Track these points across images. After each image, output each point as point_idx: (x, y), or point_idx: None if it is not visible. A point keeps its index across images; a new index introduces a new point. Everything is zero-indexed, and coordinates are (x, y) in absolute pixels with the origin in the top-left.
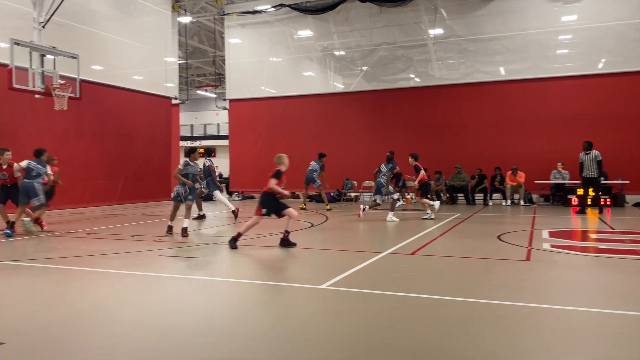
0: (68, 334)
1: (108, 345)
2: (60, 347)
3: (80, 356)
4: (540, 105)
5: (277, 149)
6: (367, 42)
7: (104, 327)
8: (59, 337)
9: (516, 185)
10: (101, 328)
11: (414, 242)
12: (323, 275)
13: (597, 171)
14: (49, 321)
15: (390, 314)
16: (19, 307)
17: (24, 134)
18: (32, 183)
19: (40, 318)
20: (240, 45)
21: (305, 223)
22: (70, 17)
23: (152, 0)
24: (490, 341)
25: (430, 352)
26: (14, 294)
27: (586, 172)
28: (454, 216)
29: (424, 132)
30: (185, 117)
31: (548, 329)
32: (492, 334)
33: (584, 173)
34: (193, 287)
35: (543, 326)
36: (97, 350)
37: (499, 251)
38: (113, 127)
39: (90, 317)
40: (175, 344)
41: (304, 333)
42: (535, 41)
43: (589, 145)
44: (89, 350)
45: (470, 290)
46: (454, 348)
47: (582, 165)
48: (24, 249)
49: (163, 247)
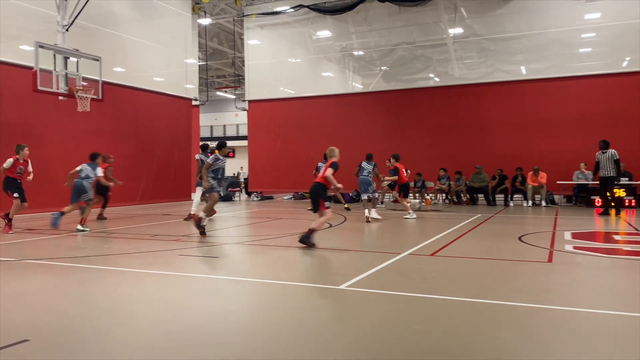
0: (91, 331)
1: (129, 342)
2: (83, 345)
3: (103, 353)
4: (562, 104)
5: (296, 150)
6: (386, 42)
7: (126, 325)
8: (82, 335)
9: (538, 186)
10: (123, 326)
11: (433, 243)
12: (342, 276)
13: (614, 170)
14: (73, 319)
15: (410, 316)
16: (44, 304)
17: (48, 134)
18: (80, 182)
19: (64, 315)
20: (259, 46)
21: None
22: (93, 20)
23: (172, 3)
24: (511, 344)
25: (449, 354)
26: (39, 292)
27: (602, 171)
28: (474, 217)
29: (443, 132)
30: (205, 118)
31: (571, 332)
32: (513, 337)
33: (600, 172)
34: (212, 286)
35: (565, 329)
36: (119, 348)
37: (520, 253)
38: (134, 128)
39: (112, 315)
40: (195, 343)
41: (322, 333)
42: (556, 40)
43: (605, 145)
44: (111, 347)
45: (491, 292)
46: (473, 350)
47: (598, 164)
48: (49, 248)
49: (183, 247)
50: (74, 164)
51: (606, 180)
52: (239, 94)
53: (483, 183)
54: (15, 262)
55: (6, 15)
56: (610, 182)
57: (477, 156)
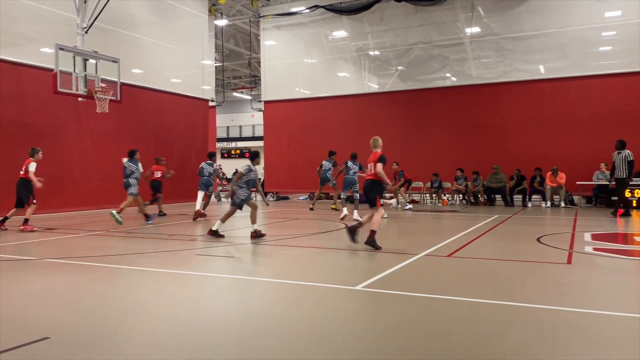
0: (110, 329)
1: (147, 341)
2: (102, 342)
3: (121, 352)
4: (582, 103)
5: (312, 150)
6: (402, 42)
7: (144, 324)
8: (101, 333)
9: (557, 187)
10: (141, 325)
11: (450, 244)
12: (358, 277)
13: (627, 171)
14: (92, 317)
15: (426, 317)
16: (64, 303)
17: (68, 135)
18: (127, 180)
19: (84, 314)
20: (275, 47)
21: (339, 224)
22: (111, 22)
23: (189, 4)
24: (529, 346)
25: (467, 356)
26: (59, 290)
27: (617, 172)
28: (491, 218)
29: (460, 132)
30: (221, 118)
31: (590, 335)
32: (531, 339)
33: (615, 173)
34: (229, 286)
35: (585, 332)
36: (137, 347)
37: (538, 254)
38: (152, 128)
39: (130, 314)
40: (212, 343)
41: (338, 335)
42: (576, 38)
43: (622, 145)
44: (129, 346)
45: (509, 294)
46: (491, 353)
47: (615, 165)
48: (68, 247)
49: (200, 247)
50: (93, 165)
51: (618, 182)
52: (255, 95)
53: (501, 183)
54: (36, 261)
55: (28, 18)
56: (620, 184)
57: (494, 156)
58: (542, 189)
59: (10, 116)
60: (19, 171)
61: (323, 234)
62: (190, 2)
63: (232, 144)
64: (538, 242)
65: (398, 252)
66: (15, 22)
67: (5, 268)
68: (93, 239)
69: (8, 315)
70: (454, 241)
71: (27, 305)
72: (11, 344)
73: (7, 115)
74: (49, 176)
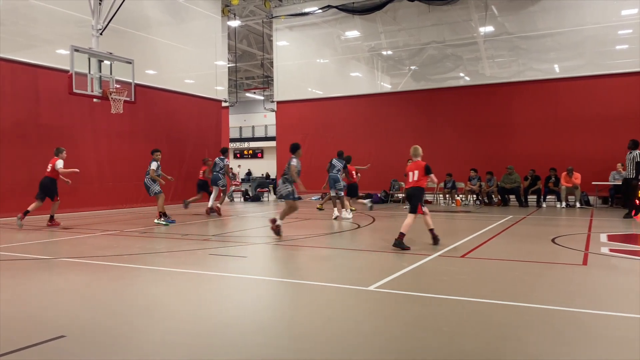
0: (125, 328)
1: (162, 340)
2: (118, 341)
3: (135, 350)
4: (598, 102)
5: (324, 150)
6: (415, 41)
7: (159, 323)
8: (116, 331)
9: (572, 187)
10: (156, 323)
11: (464, 245)
12: (370, 277)
13: (634, 172)
14: (107, 315)
15: (439, 318)
16: (79, 301)
17: (83, 135)
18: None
19: (99, 312)
20: (287, 47)
21: (352, 224)
22: (125, 23)
23: (202, 6)
24: (543, 348)
25: (480, 358)
26: (74, 289)
27: (626, 172)
28: (505, 218)
29: (474, 132)
30: (234, 119)
31: (605, 337)
32: (545, 341)
33: (624, 173)
34: (242, 285)
35: (600, 334)
36: (151, 346)
37: (553, 255)
38: (166, 129)
39: (145, 313)
40: (225, 342)
41: (351, 335)
42: (591, 37)
43: (634, 144)
44: (145, 344)
45: (523, 295)
46: (505, 354)
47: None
48: (83, 247)
49: (213, 246)
50: (108, 164)
51: (625, 182)
52: (267, 95)
53: (515, 184)
54: (52, 260)
55: (44, 21)
56: (628, 184)
57: (508, 156)
58: (557, 189)
59: (26, 117)
60: (37, 170)
61: (335, 234)
62: (204, 3)
63: (245, 144)
64: (553, 243)
65: (411, 252)
66: (31, 24)
67: (22, 267)
68: (107, 238)
69: (25, 314)
70: (467, 242)
71: (43, 303)
72: (28, 341)
73: (24, 115)
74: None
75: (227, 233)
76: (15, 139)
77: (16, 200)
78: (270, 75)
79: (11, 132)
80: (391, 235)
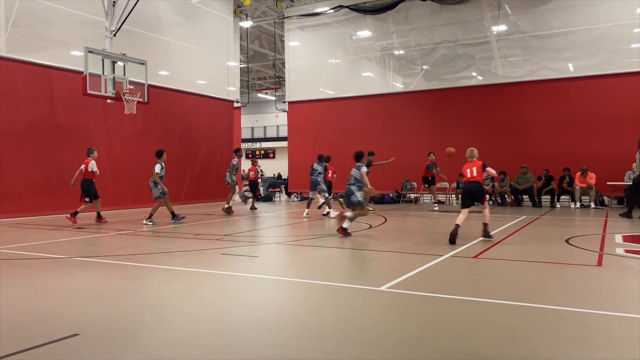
0: (138, 327)
1: (175, 339)
2: (131, 340)
3: (148, 349)
4: (613, 102)
5: (336, 150)
6: (427, 41)
7: (172, 322)
8: (129, 330)
9: (586, 187)
10: (169, 322)
11: (476, 245)
12: (382, 277)
13: None
14: (121, 315)
15: (451, 318)
16: (93, 300)
17: (97, 136)
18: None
19: (113, 311)
20: (299, 47)
21: (363, 224)
22: (138, 25)
23: (214, 7)
24: (557, 349)
25: (492, 359)
26: (88, 288)
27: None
28: (519, 219)
29: (487, 132)
30: (246, 119)
31: (620, 338)
32: (559, 342)
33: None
34: (254, 285)
35: (615, 335)
36: (164, 345)
37: (567, 255)
38: (178, 129)
39: (159, 312)
40: (238, 342)
41: (364, 335)
42: (606, 35)
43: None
44: (157, 343)
45: (537, 296)
46: (518, 355)
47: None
48: (97, 246)
49: (225, 246)
50: (121, 164)
51: (636, 182)
52: (279, 96)
53: (528, 184)
54: (67, 259)
55: (58, 23)
56: (636, 185)
57: (522, 156)
58: (571, 189)
59: (41, 117)
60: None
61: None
62: (216, 4)
63: (257, 145)
64: (567, 243)
65: (423, 252)
66: (46, 26)
67: (38, 266)
68: (121, 238)
69: (40, 312)
70: (480, 242)
71: (58, 302)
72: (43, 339)
73: (39, 116)
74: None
75: (239, 233)
76: (31, 139)
77: (32, 200)
78: (282, 76)
79: (27, 133)
80: (403, 235)
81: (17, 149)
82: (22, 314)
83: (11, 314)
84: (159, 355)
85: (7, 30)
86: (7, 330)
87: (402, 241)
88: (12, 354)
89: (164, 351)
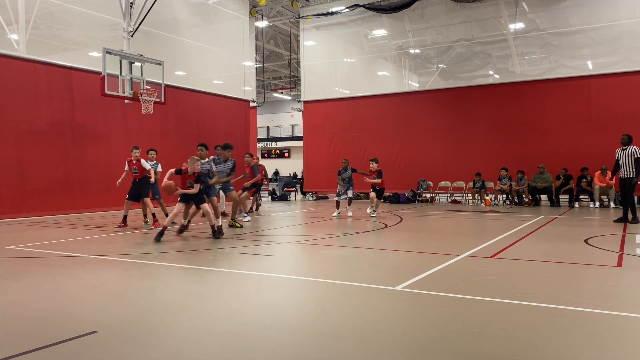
0: (155, 325)
1: (192, 337)
2: (148, 337)
3: (166, 347)
4: (633, 100)
5: (351, 150)
6: (443, 39)
7: (189, 320)
8: (147, 328)
9: (605, 187)
10: (186, 321)
11: (493, 245)
12: (398, 277)
13: (634, 170)
14: (138, 312)
15: (469, 319)
16: (111, 298)
17: (115, 135)
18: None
19: (130, 309)
20: (314, 47)
21: (379, 224)
22: (155, 25)
23: (230, 7)
24: (575, 350)
25: (509, 359)
26: (106, 286)
27: (622, 171)
28: (536, 218)
29: (504, 131)
30: (261, 119)
31: None
32: (577, 343)
33: (621, 173)
34: (270, 284)
35: (635, 337)
36: (182, 342)
37: (586, 256)
38: (195, 129)
39: (175, 310)
40: (254, 341)
41: (380, 335)
42: (626, 32)
43: (629, 139)
44: (174, 341)
45: (555, 296)
46: (535, 355)
47: (618, 162)
48: (115, 245)
49: (241, 245)
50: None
51: (624, 182)
52: (294, 95)
53: (546, 183)
54: (85, 258)
55: (78, 24)
56: (627, 184)
57: (539, 155)
58: (590, 189)
59: (62, 117)
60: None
61: (362, 233)
62: (232, 4)
63: (272, 144)
64: (586, 243)
65: (440, 252)
66: (67, 28)
67: (57, 264)
68: (138, 236)
69: (59, 310)
70: (497, 242)
71: (76, 300)
72: (62, 337)
73: (59, 116)
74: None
75: (255, 232)
76: (53, 138)
77: (52, 199)
78: (297, 75)
79: (48, 132)
80: (419, 235)
81: (39, 149)
82: (42, 311)
83: (31, 311)
84: (176, 353)
85: (28, 31)
86: (27, 327)
87: (418, 241)
88: (31, 351)
89: (181, 349)
